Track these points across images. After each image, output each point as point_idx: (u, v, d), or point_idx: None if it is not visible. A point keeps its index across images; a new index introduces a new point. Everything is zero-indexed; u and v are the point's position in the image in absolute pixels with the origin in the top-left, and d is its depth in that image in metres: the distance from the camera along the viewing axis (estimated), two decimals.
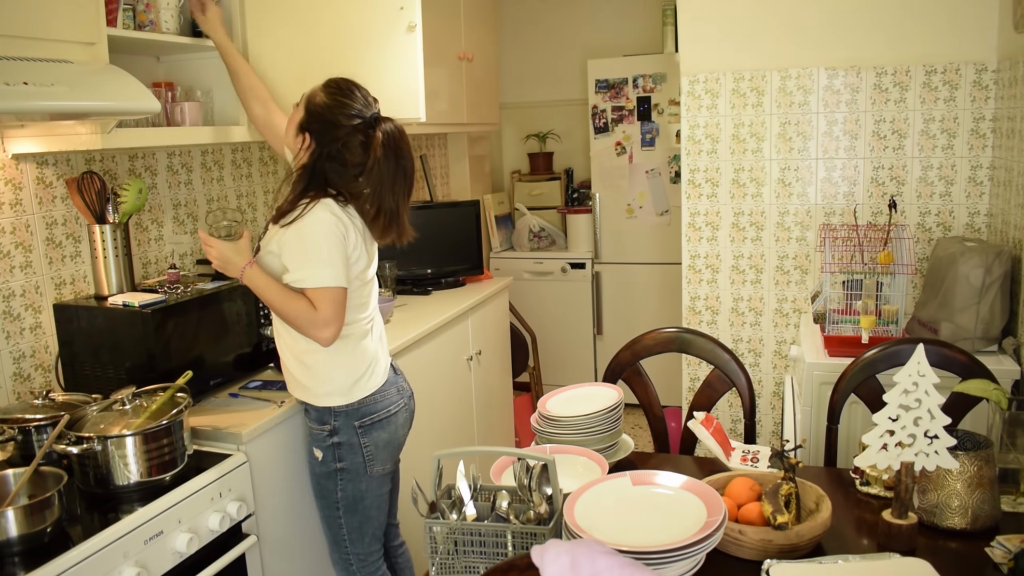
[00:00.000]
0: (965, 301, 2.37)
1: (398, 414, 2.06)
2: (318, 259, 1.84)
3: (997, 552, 1.40)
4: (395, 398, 2.06)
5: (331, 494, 2.02)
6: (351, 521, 2.04)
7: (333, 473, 2.00)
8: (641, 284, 4.44)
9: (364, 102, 1.91)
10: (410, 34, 2.32)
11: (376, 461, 2.02)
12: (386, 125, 1.91)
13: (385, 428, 2.02)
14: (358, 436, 1.99)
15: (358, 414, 1.98)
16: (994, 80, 2.78)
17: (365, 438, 1.99)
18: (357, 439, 1.99)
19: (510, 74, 4.86)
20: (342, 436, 1.98)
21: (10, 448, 1.72)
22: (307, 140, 1.91)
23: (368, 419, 1.99)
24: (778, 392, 3.23)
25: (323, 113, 1.88)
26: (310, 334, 1.87)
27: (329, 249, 1.85)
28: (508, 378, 3.76)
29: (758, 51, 3.04)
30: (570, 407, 1.86)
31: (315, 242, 1.85)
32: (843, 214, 3.03)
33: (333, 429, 1.98)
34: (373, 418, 2.00)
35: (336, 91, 1.90)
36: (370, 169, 1.88)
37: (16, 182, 2.04)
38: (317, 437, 2.00)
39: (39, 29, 1.72)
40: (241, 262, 1.89)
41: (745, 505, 1.49)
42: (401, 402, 2.07)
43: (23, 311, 2.07)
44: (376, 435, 2.01)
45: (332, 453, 1.99)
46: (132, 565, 1.56)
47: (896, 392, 1.44)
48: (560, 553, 1.05)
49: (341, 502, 2.02)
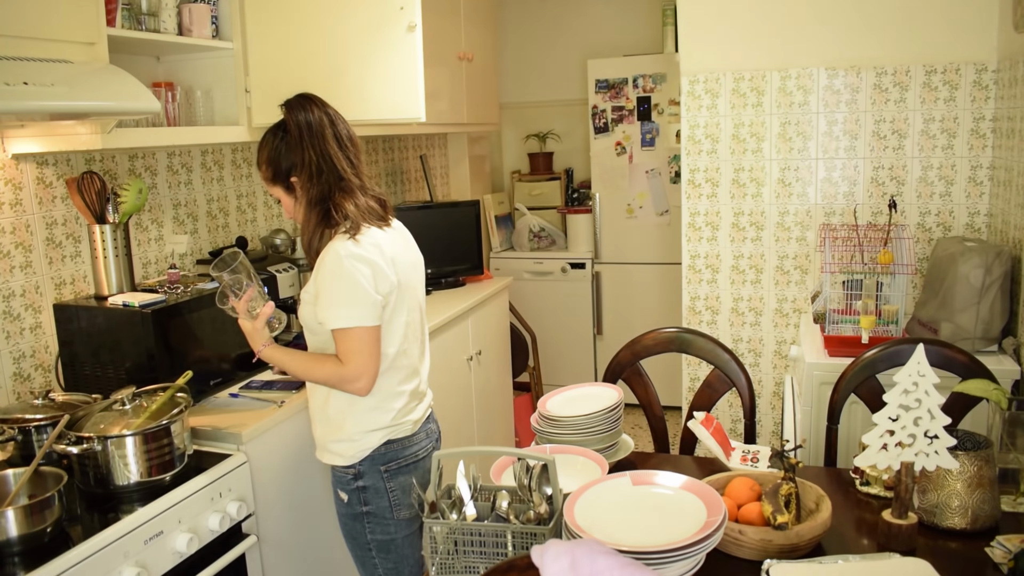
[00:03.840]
0: (965, 301, 2.37)
1: (425, 459, 1.93)
2: (335, 299, 1.72)
3: (997, 552, 1.40)
4: (423, 442, 1.93)
5: (360, 536, 1.91)
6: (386, 563, 1.93)
7: (360, 516, 1.89)
8: (641, 284, 4.44)
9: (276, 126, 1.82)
10: (410, 34, 2.32)
11: (403, 506, 1.89)
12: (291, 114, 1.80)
13: (412, 473, 1.89)
14: (384, 481, 1.86)
15: (384, 459, 1.86)
16: (994, 80, 2.78)
17: (391, 483, 1.87)
18: (383, 484, 1.87)
19: (510, 74, 4.86)
20: (367, 480, 1.86)
21: (10, 448, 1.72)
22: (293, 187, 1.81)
23: (395, 464, 1.87)
24: (778, 392, 3.23)
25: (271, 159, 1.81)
26: (346, 390, 1.77)
27: (339, 288, 1.72)
28: (508, 378, 3.76)
29: (758, 51, 3.04)
30: (570, 407, 1.86)
31: (328, 282, 1.73)
32: (843, 214, 3.03)
33: (358, 473, 1.86)
34: (400, 463, 1.88)
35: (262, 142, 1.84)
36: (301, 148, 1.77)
37: (16, 182, 2.04)
38: (341, 480, 1.88)
39: (39, 29, 1.72)
40: (257, 345, 1.83)
41: (745, 505, 1.49)
42: (429, 446, 1.95)
43: (23, 311, 2.07)
44: (403, 480, 1.88)
45: (357, 497, 1.88)
46: (132, 565, 1.56)
47: (896, 392, 1.44)
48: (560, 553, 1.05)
49: (372, 544, 1.91)
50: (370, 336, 1.74)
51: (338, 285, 1.72)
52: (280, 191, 1.85)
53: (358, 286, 1.72)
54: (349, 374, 1.73)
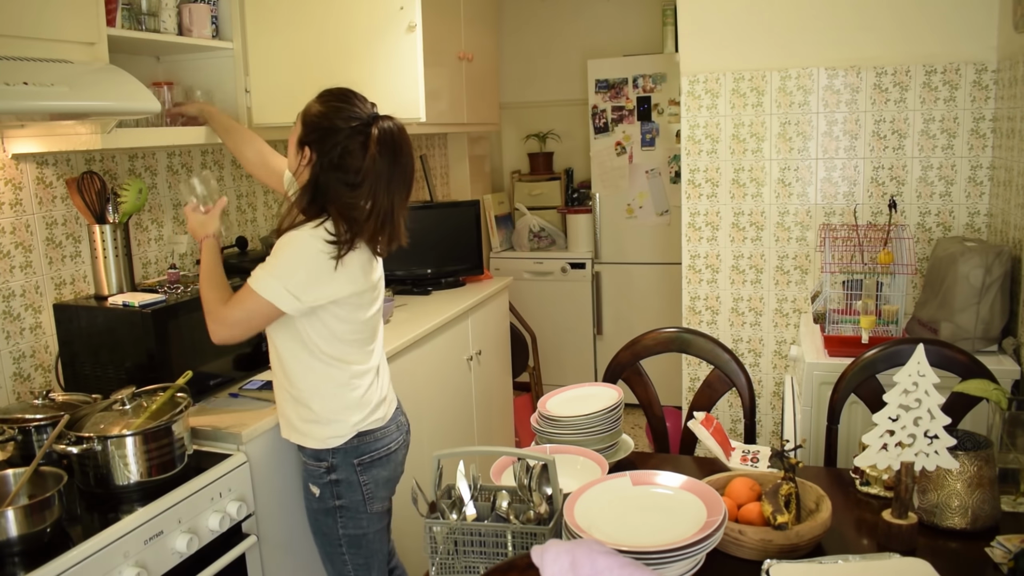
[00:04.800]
0: (965, 301, 2.37)
1: (397, 451, 1.99)
2: (275, 269, 1.76)
3: (997, 552, 1.40)
4: (394, 435, 1.98)
5: (331, 531, 1.94)
6: (356, 558, 1.96)
7: (332, 510, 1.92)
8: (641, 284, 4.44)
9: (361, 105, 1.82)
10: (410, 34, 2.32)
11: (376, 499, 1.94)
12: (384, 123, 1.81)
13: (385, 466, 1.95)
14: (357, 474, 1.90)
15: (357, 452, 1.89)
16: (994, 80, 2.78)
17: (364, 475, 1.91)
18: (356, 477, 1.90)
19: (510, 74, 4.86)
20: (340, 473, 1.89)
21: (10, 448, 1.72)
22: (307, 154, 1.81)
23: (368, 456, 1.91)
24: (778, 392, 3.23)
25: (319, 121, 1.79)
26: (209, 323, 1.82)
27: (293, 268, 1.75)
28: (508, 378, 3.76)
29: (758, 51, 3.04)
30: (570, 407, 1.86)
31: (284, 255, 1.77)
32: (843, 214, 3.03)
33: (331, 466, 1.89)
34: (373, 456, 1.92)
35: (331, 98, 1.82)
36: (367, 169, 1.78)
37: (16, 182, 2.04)
38: (313, 473, 1.91)
39: (39, 29, 1.72)
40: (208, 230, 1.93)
41: (745, 505, 1.49)
42: (400, 438, 2.01)
43: (23, 311, 2.07)
44: (376, 472, 1.93)
45: (330, 490, 1.90)
46: (132, 565, 1.56)
47: (896, 392, 1.44)
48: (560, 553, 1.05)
49: (343, 540, 1.95)
50: (268, 312, 1.77)
51: (286, 261, 1.77)
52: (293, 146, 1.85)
53: (306, 273, 1.76)
54: (227, 317, 1.79)
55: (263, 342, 2.30)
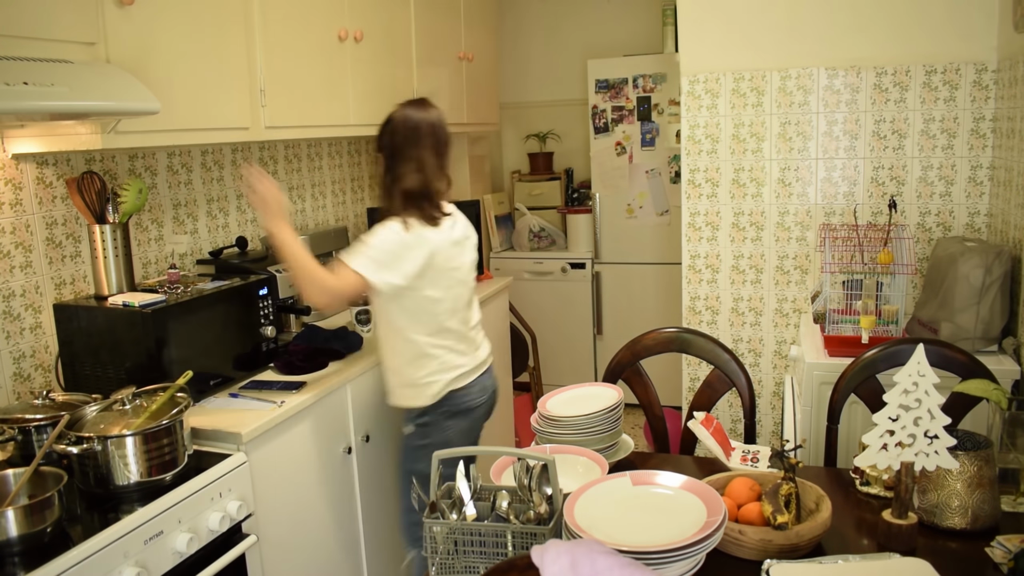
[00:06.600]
0: (965, 301, 2.37)
1: (479, 407, 2.31)
2: (368, 249, 2.05)
3: (997, 552, 1.40)
4: (477, 395, 2.29)
5: (415, 464, 2.23)
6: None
7: (418, 449, 2.22)
8: (641, 284, 4.44)
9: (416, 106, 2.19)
10: None
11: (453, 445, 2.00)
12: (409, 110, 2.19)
13: (467, 417, 2.27)
14: (443, 419, 2.22)
15: (443, 404, 2.22)
16: (994, 80, 2.78)
17: (449, 420, 2.23)
18: (442, 421, 2.22)
19: (510, 74, 4.86)
20: (430, 417, 2.22)
21: (10, 448, 1.72)
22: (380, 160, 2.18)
23: (454, 407, 2.23)
24: (778, 392, 3.23)
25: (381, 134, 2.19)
26: (305, 289, 2.03)
27: (382, 248, 2.05)
28: (508, 378, 3.76)
29: (758, 51, 3.04)
30: (570, 407, 1.86)
31: (376, 239, 2.07)
32: (843, 214, 3.03)
33: (423, 411, 2.22)
34: (459, 406, 2.24)
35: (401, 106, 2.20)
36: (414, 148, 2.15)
37: (16, 182, 2.04)
38: (410, 415, 2.25)
39: (39, 29, 1.72)
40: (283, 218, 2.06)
41: (745, 505, 1.49)
42: (483, 398, 2.32)
43: (23, 311, 2.07)
44: (458, 421, 2.24)
45: (420, 431, 2.23)
46: (132, 565, 1.56)
47: (896, 392, 1.44)
48: (560, 553, 1.05)
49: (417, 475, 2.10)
50: (360, 286, 2.05)
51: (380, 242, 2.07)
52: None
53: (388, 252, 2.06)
54: (326, 284, 2.02)
55: (262, 343, 2.30)
